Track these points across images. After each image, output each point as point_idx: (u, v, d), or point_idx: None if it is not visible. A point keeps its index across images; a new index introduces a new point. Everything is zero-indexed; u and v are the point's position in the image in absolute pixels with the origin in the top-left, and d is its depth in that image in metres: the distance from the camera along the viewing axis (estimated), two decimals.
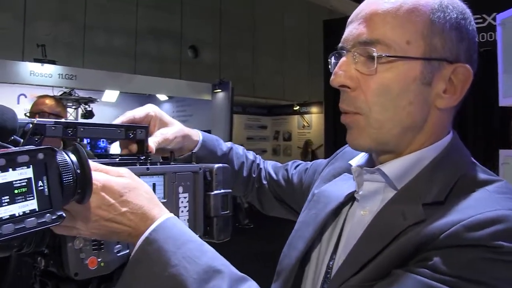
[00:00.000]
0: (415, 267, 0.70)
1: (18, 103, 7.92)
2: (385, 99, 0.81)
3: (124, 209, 0.73)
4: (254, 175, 1.33)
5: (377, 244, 0.76)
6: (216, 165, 1.00)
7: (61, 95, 7.54)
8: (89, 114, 7.98)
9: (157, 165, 0.91)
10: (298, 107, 12.53)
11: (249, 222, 9.96)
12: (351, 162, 0.97)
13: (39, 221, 0.57)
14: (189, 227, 0.93)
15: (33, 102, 2.75)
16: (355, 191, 0.93)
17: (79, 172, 0.64)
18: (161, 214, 0.77)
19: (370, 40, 0.80)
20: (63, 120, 0.80)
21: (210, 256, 0.75)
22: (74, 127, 0.81)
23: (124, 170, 0.78)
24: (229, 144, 1.30)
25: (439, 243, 0.70)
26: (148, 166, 0.88)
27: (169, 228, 0.75)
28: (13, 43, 7.89)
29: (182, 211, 0.93)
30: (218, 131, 9.18)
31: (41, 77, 7.43)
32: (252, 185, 1.33)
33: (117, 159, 0.88)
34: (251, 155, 1.36)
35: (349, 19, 0.87)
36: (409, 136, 0.84)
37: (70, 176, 0.63)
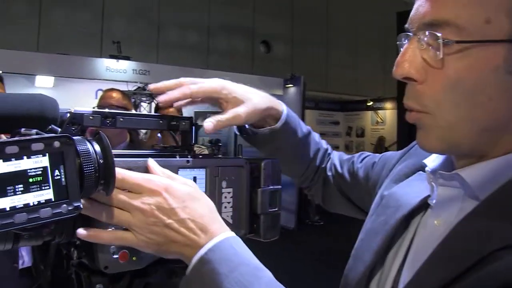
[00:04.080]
0: None
1: (96, 97, 8.33)
2: (457, 96, 0.65)
3: (184, 216, 0.70)
4: (323, 166, 1.20)
5: (450, 269, 0.62)
6: (265, 160, 0.95)
7: (135, 90, 7.83)
8: None
9: (200, 157, 0.88)
10: (371, 103, 12.22)
11: (319, 219, 9.86)
12: (426, 161, 0.81)
13: (54, 212, 0.55)
14: (233, 223, 0.89)
15: (99, 96, 2.84)
16: (430, 195, 0.77)
17: (101, 161, 0.62)
18: (221, 231, 0.72)
19: (436, 21, 0.64)
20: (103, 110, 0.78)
21: (265, 282, 0.69)
22: (113, 117, 0.79)
23: (190, 182, 0.76)
24: (308, 126, 1.16)
25: None
26: (189, 159, 0.84)
27: (226, 248, 0.70)
28: (92, 41, 8.31)
29: (225, 207, 0.89)
30: None
31: (116, 72, 7.74)
32: (319, 176, 1.20)
33: (154, 151, 0.85)
34: (324, 143, 1.22)
35: None
36: (490, 138, 0.67)
37: (91, 166, 0.61)
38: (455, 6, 0.63)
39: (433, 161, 0.80)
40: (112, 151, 0.68)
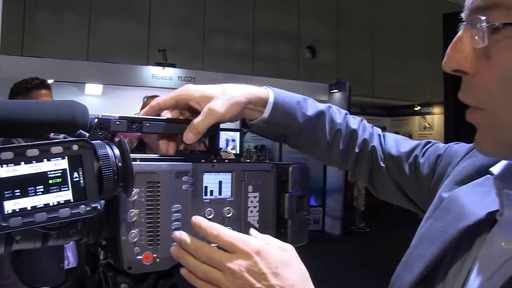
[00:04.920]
0: None
1: None
2: (510, 89, 0.57)
3: (274, 282, 0.68)
4: (357, 151, 1.05)
5: None
6: (293, 165, 0.95)
7: None
8: None
9: (225, 162, 0.89)
10: (419, 108, 11.95)
11: (365, 225, 9.71)
12: (493, 169, 0.71)
13: (72, 212, 0.58)
14: (260, 228, 0.90)
15: (142, 103, 2.92)
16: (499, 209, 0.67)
17: (120, 165, 0.64)
18: None
19: (484, 5, 0.57)
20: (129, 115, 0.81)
21: None
22: (139, 122, 0.81)
23: (287, 246, 0.75)
24: (323, 106, 1.03)
25: None
26: (213, 163, 0.85)
27: None
28: (139, 49, 8.58)
29: (251, 211, 0.89)
30: None
31: (162, 79, 7.97)
32: (355, 163, 1.07)
33: (179, 156, 0.87)
34: (355, 123, 1.07)
35: None
36: None
37: (110, 169, 0.63)
38: None
39: (500, 168, 0.70)
40: (134, 155, 0.70)
